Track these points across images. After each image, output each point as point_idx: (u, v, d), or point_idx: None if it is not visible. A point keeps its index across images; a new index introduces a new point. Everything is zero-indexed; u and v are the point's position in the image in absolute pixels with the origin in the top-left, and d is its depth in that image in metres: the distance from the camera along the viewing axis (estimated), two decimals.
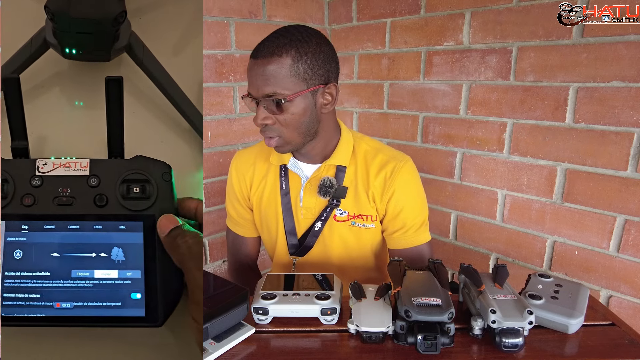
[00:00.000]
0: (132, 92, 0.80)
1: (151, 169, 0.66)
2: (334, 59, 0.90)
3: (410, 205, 0.98)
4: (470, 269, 0.75)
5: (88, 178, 0.64)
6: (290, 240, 1.03)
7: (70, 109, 0.80)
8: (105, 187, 0.64)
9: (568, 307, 0.70)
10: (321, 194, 0.97)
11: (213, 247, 1.70)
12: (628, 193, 1.18)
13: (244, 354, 0.67)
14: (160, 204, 0.65)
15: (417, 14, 1.58)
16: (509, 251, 1.48)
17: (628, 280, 1.22)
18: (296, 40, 0.83)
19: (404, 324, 0.65)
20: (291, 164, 1.00)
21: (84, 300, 0.63)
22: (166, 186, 0.66)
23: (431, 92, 1.59)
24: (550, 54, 1.27)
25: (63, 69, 0.82)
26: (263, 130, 0.90)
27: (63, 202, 0.63)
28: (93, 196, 0.64)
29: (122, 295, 0.63)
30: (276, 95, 0.83)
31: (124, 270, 0.63)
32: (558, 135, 1.30)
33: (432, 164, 1.64)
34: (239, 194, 1.09)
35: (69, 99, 0.81)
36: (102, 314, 0.63)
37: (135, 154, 0.67)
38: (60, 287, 0.62)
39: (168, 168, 0.67)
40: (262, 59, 0.83)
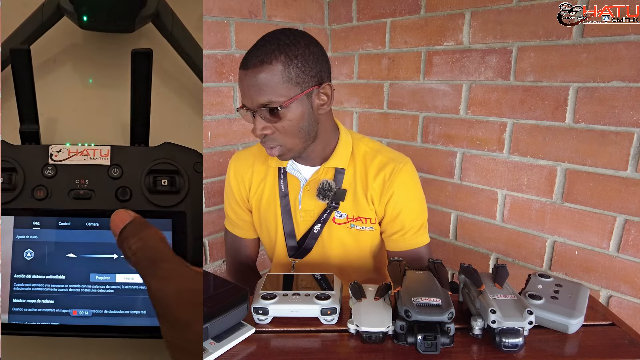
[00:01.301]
0: (155, 70, 0.70)
1: (181, 159, 0.58)
2: (325, 58, 0.88)
3: (409, 207, 0.98)
4: (470, 269, 0.75)
5: (109, 168, 0.57)
6: (290, 243, 1.03)
7: (84, 88, 0.70)
8: (129, 179, 0.57)
9: (568, 307, 0.70)
10: (320, 197, 0.96)
11: (213, 247, 1.70)
12: (628, 193, 1.18)
13: (244, 354, 0.67)
14: (192, 199, 0.57)
15: (417, 14, 1.58)
16: (509, 251, 1.48)
17: (628, 280, 1.22)
18: (284, 45, 0.82)
19: (404, 324, 0.65)
20: (289, 166, 1.00)
21: (104, 308, 0.56)
22: (198, 178, 0.58)
23: (431, 92, 1.59)
24: (550, 54, 1.27)
25: (78, 42, 0.71)
26: (263, 141, 0.88)
27: (80, 196, 0.56)
28: (115, 189, 0.57)
29: (147, 303, 0.54)
30: (271, 103, 0.82)
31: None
32: (558, 135, 1.30)
33: (432, 164, 1.64)
34: (238, 196, 1.08)
35: (83, 76, 0.71)
36: (124, 324, 0.56)
37: (160, 141, 0.59)
38: (77, 293, 0.55)
39: (200, 157, 0.59)
40: (253, 68, 0.81)
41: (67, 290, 0.55)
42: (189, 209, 0.57)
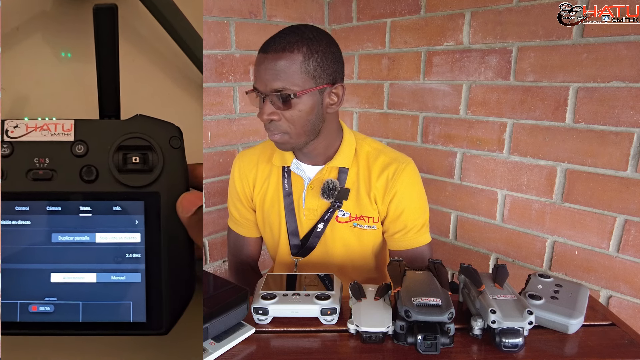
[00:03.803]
0: (130, 38, 0.64)
1: (155, 133, 0.51)
2: (341, 60, 0.91)
3: (412, 207, 0.99)
4: (470, 269, 0.75)
5: (72, 144, 0.51)
6: (293, 241, 1.03)
7: (56, 62, 0.63)
8: (95, 157, 0.51)
9: (568, 307, 0.70)
10: (324, 197, 0.97)
11: (213, 247, 1.70)
12: (628, 193, 1.18)
13: (244, 354, 0.67)
14: (167, 178, 0.51)
15: (417, 14, 1.58)
16: (509, 251, 1.48)
17: (628, 280, 1.22)
18: (307, 38, 0.84)
19: (404, 324, 0.65)
20: (294, 165, 1.00)
21: (67, 303, 0.51)
22: (175, 155, 0.52)
23: (431, 92, 1.59)
24: (550, 54, 1.27)
25: (46, 9, 0.64)
26: (268, 127, 0.89)
27: (40, 177, 0.50)
28: (79, 168, 0.51)
29: (117, 296, 0.51)
30: (285, 90, 0.83)
31: (120, 264, 0.51)
32: (558, 135, 1.30)
33: (432, 164, 1.64)
34: (242, 195, 1.09)
35: (54, 49, 0.63)
36: (90, 319, 0.51)
37: (133, 114, 0.53)
38: (36, 286, 0.50)
39: (177, 131, 0.53)
40: (274, 53, 0.83)
41: (24, 284, 0.50)
42: (163, 189, 0.51)
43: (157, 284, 0.52)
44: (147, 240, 0.51)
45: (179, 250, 0.52)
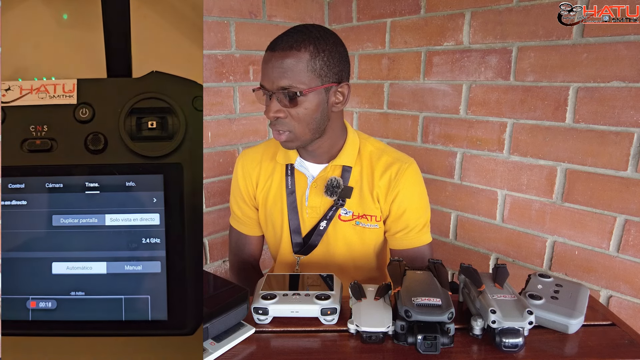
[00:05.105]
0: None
1: (175, 92, 0.42)
2: (347, 60, 0.93)
3: (414, 206, 0.99)
4: (470, 269, 0.75)
5: (75, 108, 0.42)
6: (295, 239, 1.04)
7: (58, 26, 0.54)
8: (103, 122, 0.42)
9: (568, 307, 0.70)
10: (328, 194, 0.97)
11: (213, 247, 1.70)
12: (628, 193, 1.18)
13: (244, 354, 0.67)
14: (191, 147, 0.42)
15: (417, 14, 1.58)
16: (509, 251, 1.48)
17: (628, 280, 1.22)
18: (314, 37, 0.85)
19: (404, 324, 0.65)
20: (297, 163, 1.01)
21: (72, 298, 0.43)
22: (198, 119, 0.44)
23: (431, 92, 1.59)
24: (550, 54, 1.27)
25: None
26: (273, 124, 0.90)
27: (37, 147, 0.42)
28: (84, 136, 0.42)
29: (132, 289, 0.43)
30: (292, 88, 0.84)
31: (135, 251, 0.43)
32: (558, 135, 1.30)
33: (432, 164, 1.64)
34: (245, 193, 1.09)
35: (55, 11, 0.55)
36: (99, 318, 0.44)
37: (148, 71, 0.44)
38: (34, 278, 0.42)
39: (200, 90, 0.45)
40: (281, 51, 0.84)
41: (23, 274, 0.43)
42: (186, 160, 0.42)
43: (180, 274, 0.44)
44: (168, 222, 0.44)
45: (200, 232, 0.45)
